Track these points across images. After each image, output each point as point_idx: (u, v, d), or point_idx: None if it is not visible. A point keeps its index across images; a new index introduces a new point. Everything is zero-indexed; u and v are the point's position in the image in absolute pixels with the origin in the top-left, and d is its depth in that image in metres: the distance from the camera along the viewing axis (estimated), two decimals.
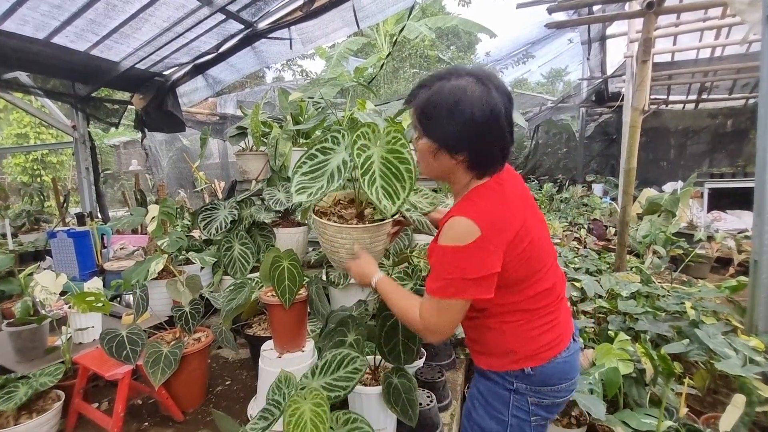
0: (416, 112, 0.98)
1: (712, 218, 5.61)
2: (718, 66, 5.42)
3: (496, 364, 1.07)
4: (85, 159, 4.17)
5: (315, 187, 1.17)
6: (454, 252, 0.92)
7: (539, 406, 1.05)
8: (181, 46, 3.63)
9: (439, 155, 0.98)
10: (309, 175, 1.20)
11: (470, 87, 0.91)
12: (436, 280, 0.96)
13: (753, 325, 2.24)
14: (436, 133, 0.96)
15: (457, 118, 0.91)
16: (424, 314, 1.00)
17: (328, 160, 1.22)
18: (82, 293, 1.76)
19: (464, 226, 0.92)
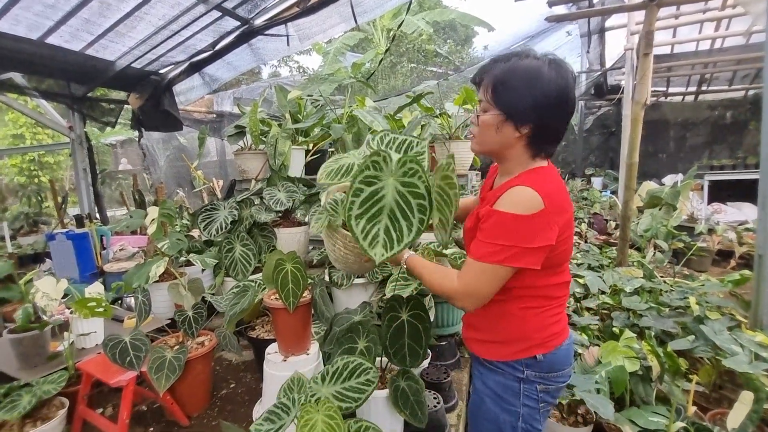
0: (491, 82, 1.00)
1: (713, 210, 5.62)
2: (718, 57, 5.39)
3: (507, 352, 1.10)
4: (82, 160, 4.12)
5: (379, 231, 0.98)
6: (516, 219, 0.95)
7: (546, 392, 1.11)
8: (177, 44, 3.59)
9: (504, 127, 1.01)
10: (364, 217, 1.00)
11: (545, 65, 0.97)
12: (488, 245, 0.97)
13: (758, 320, 2.24)
14: (508, 102, 0.98)
15: (532, 90, 0.96)
16: (465, 278, 1.01)
17: (378, 192, 1.01)
18: (83, 299, 1.74)
19: (530, 196, 0.95)
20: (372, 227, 0.99)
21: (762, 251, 2.21)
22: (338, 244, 1.22)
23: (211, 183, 4.87)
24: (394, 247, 0.97)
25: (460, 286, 1.01)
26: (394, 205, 0.99)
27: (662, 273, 3.72)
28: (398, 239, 0.97)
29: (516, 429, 1.10)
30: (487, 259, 0.97)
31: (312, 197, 2.84)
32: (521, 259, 0.96)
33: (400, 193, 1.00)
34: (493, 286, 1.00)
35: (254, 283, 2.10)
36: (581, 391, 1.66)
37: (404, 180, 1.00)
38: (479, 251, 0.99)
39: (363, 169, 1.02)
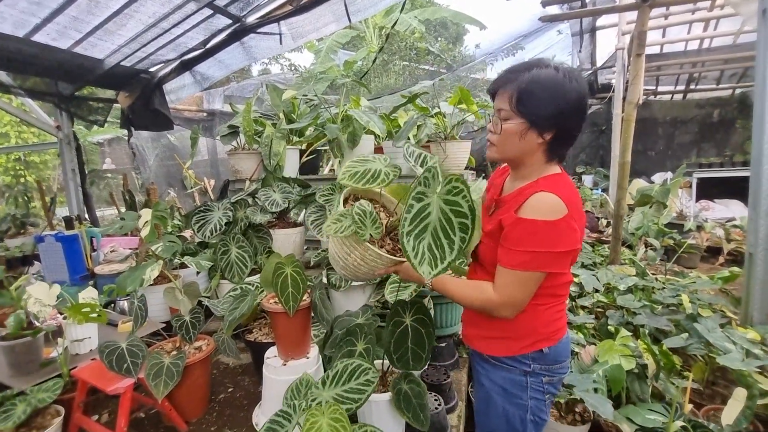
0: (515, 92, 1.01)
1: (701, 208, 5.72)
2: (706, 57, 5.47)
3: (515, 347, 1.13)
4: (71, 160, 4.04)
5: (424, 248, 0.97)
6: (546, 226, 0.97)
7: (551, 384, 1.15)
8: (167, 42, 3.52)
9: (527, 135, 1.03)
10: (413, 233, 1.00)
11: (564, 74, 1.00)
12: (521, 254, 1.00)
13: (748, 317, 2.29)
14: (534, 111, 1.00)
15: (556, 98, 0.99)
16: (502, 289, 1.03)
17: (426, 209, 1.01)
18: (77, 304, 1.71)
19: (554, 202, 0.98)
20: (419, 244, 0.99)
21: (753, 249, 2.26)
22: (354, 254, 1.18)
23: (203, 183, 4.81)
24: (438, 264, 0.97)
25: (499, 297, 1.04)
26: (437, 223, 0.99)
27: (653, 270, 3.78)
28: (441, 257, 0.97)
29: (525, 422, 1.14)
30: (523, 268, 1.00)
31: (307, 198, 2.82)
32: (553, 263, 1.00)
33: (443, 211, 1.00)
34: (530, 292, 1.04)
35: (252, 286, 2.08)
36: (580, 390, 1.68)
37: (448, 198, 1.00)
38: (513, 260, 1.01)
39: (417, 185, 1.03)
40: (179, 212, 4.70)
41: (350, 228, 1.13)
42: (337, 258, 1.25)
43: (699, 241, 4.66)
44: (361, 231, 1.13)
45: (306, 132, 3.49)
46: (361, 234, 1.12)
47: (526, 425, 1.14)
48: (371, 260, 1.17)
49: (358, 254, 1.17)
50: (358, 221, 1.14)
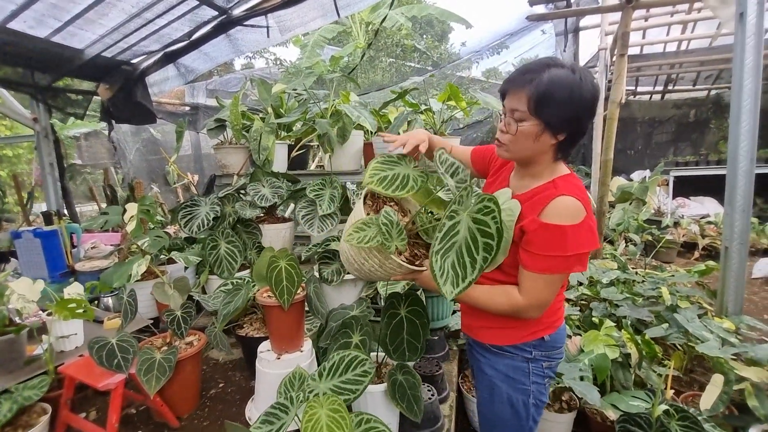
0: (533, 96, 1.00)
1: (677, 205, 5.92)
2: (683, 59, 5.66)
3: (518, 335, 1.16)
4: (48, 153, 3.90)
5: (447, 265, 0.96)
6: (572, 230, 1.00)
7: (550, 368, 1.20)
8: (150, 33, 3.43)
9: (542, 136, 1.03)
10: (441, 251, 0.99)
11: (578, 75, 1.00)
12: (549, 259, 1.01)
13: (723, 307, 2.40)
14: (552, 114, 1.00)
15: (573, 101, 0.99)
16: (531, 292, 1.05)
17: (456, 227, 1.00)
18: (63, 300, 1.66)
19: (576, 205, 1.01)
20: (444, 262, 0.97)
21: (728, 243, 2.36)
22: (372, 261, 1.14)
23: (187, 178, 4.72)
24: (459, 284, 0.95)
25: (527, 301, 1.06)
26: (463, 241, 0.98)
27: (633, 264, 3.91)
28: (462, 276, 0.95)
29: (528, 406, 1.18)
30: (550, 271, 1.03)
31: (297, 193, 2.81)
32: (578, 263, 1.03)
33: (470, 229, 0.99)
34: (556, 291, 1.08)
35: (244, 280, 2.07)
36: (568, 379, 1.73)
37: (477, 217, 0.98)
38: (539, 265, 1.03)
39: (451, 203, 1.02)
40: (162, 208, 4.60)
41: (376, 239, 1.08)
42: (351, 261, 1.20)
43: (676, 236, 4.83)
44: (387, 242, 1.08)
45: (294, 127, 3.46)
46: (387, 246, 1.08)
47: (528, 408, 1.18)
48: (390, 268, 1.14)
49: (376, 261, 1.13)
50: (384, 232, 1.09)
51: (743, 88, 2.24)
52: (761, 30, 2.22)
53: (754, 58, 2.21)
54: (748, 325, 2.22)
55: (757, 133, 2.26)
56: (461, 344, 2.33)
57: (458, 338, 2.34)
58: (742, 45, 2.22)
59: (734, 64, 2.26)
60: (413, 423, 1.51)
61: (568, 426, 1.98)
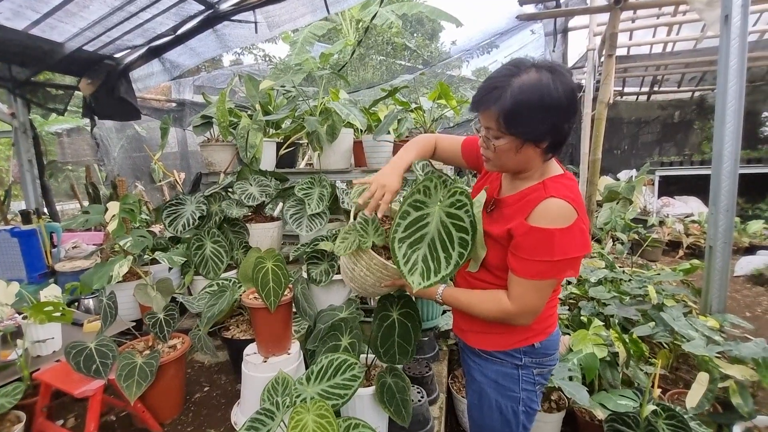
0: (501, 115, 0.94)
1: (662, 204, 6.02)
2: (669, 60, 5.74)
3: (508, 342, 1.14)
4: (27, 150, 3.77)
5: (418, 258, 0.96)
6: (561, 234, 0.96)
7: (541, 375, 1.17)
8: (134, 27, 3.34)
9: (524, 149, 0.99)
10: (406, 241, 0.98)
11: (544, 78, 0.92)
12: (537, 264, 0.98)
13: (707, 306, 2.43)
14: (525, 131, 0.96)
15: (546, 113, 0.93)
16: (520, 299, 1.02)
17: (424, 219, 0.99)
18: (39, 303, 1.60)
19: (564, 207, 0.97)
20: (413, 253, 0.97)
21: (712, 243, 2.39)
22: (360, 264, 1.15)
23: (172, 176, 4.62)
24: (431, 277, 0.95)
25: (517, 308, 1.03)
26: (435, 235, 0.97)
27: (620, 263, 3.95)
28: (435, 270, 0.95)
29: (517, 413, 1.15)
30: (540, 277, 1.00)
31: (285, 192, 2.76)
32: (567, 269, 1.00)
33: (444, 223, 0.97)
34: (546, 297, 1.05)
35: (230, 281, 2.02)
36: (557, 379, 1.73)
37: (450, 211, 0.97)
38: (529, 271, 1.00)
39: (414, 192, 0.99)
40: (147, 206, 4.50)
41: (355, 242, 1.11)
42: (346, 270, 1.23)
43: (661, 235, 4.91)
44: (363, 238, 1.11)
45: (283, 124, 3.41)
46: (363, 241, 1.10)
47: (518, 416, 1.15)
48: (377, 270, 1.13)
49: (363, 264, 1.14)
50: (359, 230, 1.13)
51: (728, 90, 2.26)
52: (745, 33, 2.25)
53: (738, 60, 2.24)
54: (732, 323, 2.26)
55: (741, 135, 2.30)
56: (451, 344, 2.32)
57: (448, 338, 2.33)
58: (727, 47, 2.25)
59: (719, 66, 2.29)
60: (402, 426, 1.49)
61: (557, 425, 1.98)
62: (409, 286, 1.02)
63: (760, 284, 4.09)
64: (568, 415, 2.00)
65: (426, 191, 1.01)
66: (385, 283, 1.16)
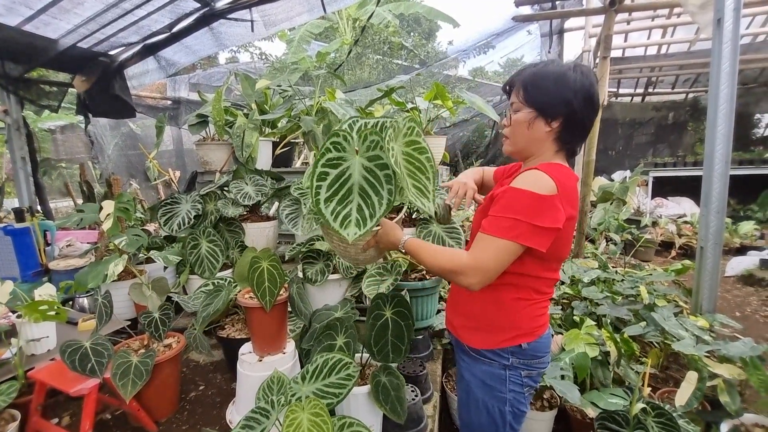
0: (521, 85, 1.07)
1: (656, 205, 6.08)
2: (663, 62, 5.79)
3: (495, 340, 1.14)
4: (20, 147, 3.74)
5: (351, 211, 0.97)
6: (532, 197, 0.98)
7: (529, 377, 1.17)
8: (129, 24, 3.32)
9: (535, 124, 1.07)
10: (333, 199, 0.98)
11: (570, 69, 1.05)
12: (502, 220, 1.00)
13: (698, 306, 2.47)
14: (539, 100, 1.05)
15: (560, 86, 1.03)
16: (475, 252, 1.02)
17: (345, 173, 0.99)
18: (33, 302, 1.60)
19: (546, 179, 1.00)
20: (343, 208, 0.98)
21: (703, 243, 2.43)
22: (335, 239, 1.16)
23: (167, 174, 4.61)
24: (367, 223, 0.96)
25: (470, 261, 1.01)
26: (363, 182, 0.98)
27: (613, 263, 3.99)
28: (371, 215, 0.97)
29: (504, 414, 1.16)
30: (500, 234, 0.99)
31: (281, 191, 2.76)
32: (531, 237, 0.98)
33: (368, 168, 0.99)
34: (501, 263, 1.01)
35: (224, 281, 2.03)
36: (549, 378, 1.76)
37: (369, 155, 0.98)
38: (492, 226, 1.01)
39: (324, 152, 0.99)
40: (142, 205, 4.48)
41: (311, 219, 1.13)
42: (333, 247, 1.25)
43: (654, 236, 4.95)
44: (316, 216, 1.15)
45: (279, 123, 3.41)
46: (318, 218, 1.11)
47: (505, 417, 1.16)
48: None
49: (336, 238, 1.15)
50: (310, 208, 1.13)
51: (719, 93, 2.30)
52: (737, 36, 2.28)
53: (730, 63, 2.27)
54: (721, 322, 2.29)
55: (732, 137, 2.33)
56: (445, 343, 2.34)
57: (443, 338, 2.35)
58: (719, 51, 2.28)
59: (711, 69, 2.32)
60: (396, 424, 1.50)
61: (549, 423, 2.01)
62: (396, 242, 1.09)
63: (750, 284, 4.15)
64: (560, 413, 2.03)
65: (337, 147, 1.00)
66: (362, 246, 1.16)
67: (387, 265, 1.95)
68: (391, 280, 1.93)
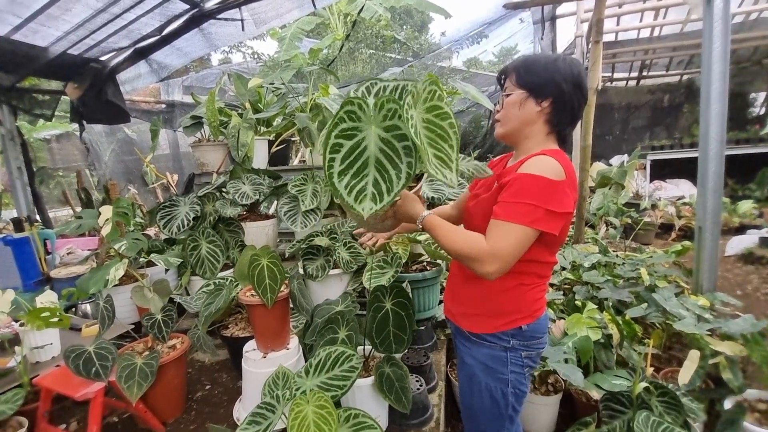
0: (513, 70, 1.14)
1: (654, 188, 6.07)
2: (657, 45, 5.77)
3: (496, 324, 1.16)
4: (15, 157, 3.73)
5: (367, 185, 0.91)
6: (545, 182, 0.99)
7: (529, 358, 1.19)
8: (119, 28, 3.30)
9: (526, 104, 1.11)
10: (348, 173, 0.91)
11: (557, 57, 1.12)
12: (518, 206, 0.99)
13: (698, 285, 2.47)
14: (529, 81, 1.10)
15: (550, 70, 1.09)
16: (494, 240, 0.99)
17: (360, 145, 0.91)
18: (36, 309, 1.60)
19: (555, 165, 1.02)
20: (358, 182, 0.91)
21: (701, 223, 2.43)
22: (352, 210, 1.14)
23: (165, 178, 4.60)
24: (384, 198, 0.90)
25: (490, 248, 0.98)
26: (379, 155, 0.91)
27: (614, 247, 4.00)
28: (388, 190, 0.90)
29: (506, 395, 1.18)
30: (518, 220, 0.98)
31: (279, 189, 2.77)
32: (547, 222, 0.99)
33: (384, 139, 0.91)
34: (520, 250, 1.00)
35: (226, 280, 2.03)
36: (553, 362, 1.77)
37: (386, 124, 0.90)
38: (508, 212, 0.99)
39: (337, 122, 0.91)
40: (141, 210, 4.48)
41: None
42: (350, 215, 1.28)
43: (653, 218, 4.96)
44: None
45: (274, 122, 3.40)
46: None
47: (507, 398, 1.18)
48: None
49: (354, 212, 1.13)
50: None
51: (712, 73, 2.29)
52: (728, 15, 2.27)
53: (722, 42, 2.26)
54: (722, 301, 2.30)
55: (727, 116, 2.32)
56: (449, 333, 2.35)
57: (446, 328, 2.36)
58: (710, 30, 2.26)
59: (703, 49, 2.31)
60: (402, 414, 1.51)
61: (554, 407, 2.02)
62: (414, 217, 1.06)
63: (750, 263, 4.16)
64: (565, 397, 2.04)
65: (352, 116, 0.92)
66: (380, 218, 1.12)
67: (387, 257, 1.95)
68: (392, 272, 1.94)
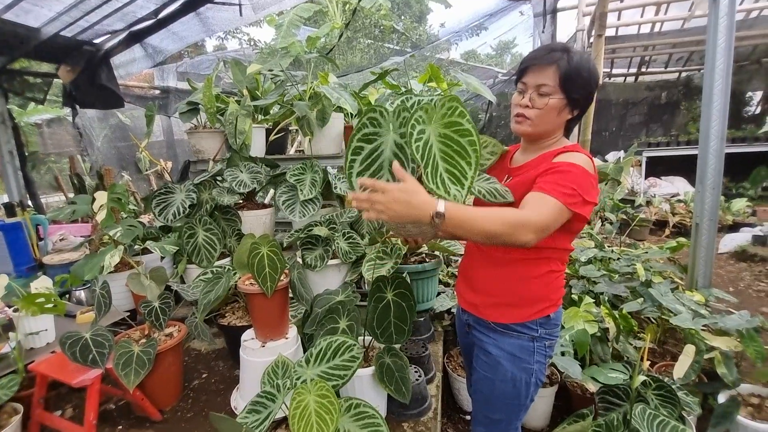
0: (562, 73, 1.08)
1: (649, 184, 6.12)
2: (657, 41, 5.76)
3: (526, 314, 1.17)
4: (7, 141, 3.65)
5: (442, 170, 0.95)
6: (584, 173, 1.05)
7: (551, 347, 1.22)
8: (113, 10, 3.22)
9: (563, 112, 1.12)
10: (365, 173, 1.00)
11: (586, 55, 1.13)
12: (561, 186, 1.02)
13: (693, 281, 2.50)
14: (577, 91, 1.09)
15: (592, 81, 1.11)
16: (533, 208, 0.99)
17: (378, 149, 1.00)
18: (30, 295, 1.57)
19: (586, 159, 1.09)
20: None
21: (699, 220, 2.45)
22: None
23: (160, 164, 4.54)
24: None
25: (534, 216, 0.97)
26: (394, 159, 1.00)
27: (609, 243, 4.03)
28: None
29: (529, 384, 1.19)
30: (562, 198, 1.00)
31: (276, 178, 2.73)
32: (582, 207, 1.04)
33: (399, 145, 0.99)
34: (556, 224, 1.02)
35: (224, 269, 2.01)
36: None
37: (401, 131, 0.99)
38: (554, 190, 1.01)
39: (360, 127, 1.00)
40: (135, 197, 4.42)
41: None
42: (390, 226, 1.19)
43: (648, 215, 5.00)
44: None
45: (272, 110, 3.35)
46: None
47: (529, 387, 1.19)
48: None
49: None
50: None
51: (715, 69, 2.28)
52: (734, 11, 2.26)
53: (726, 38, 2.25)
54: (717, 297, 2.33)
55: (728, 113, 2.33)
56: (446, 325, 2.36)
57: (443, 320, 2.37)
58: (715, 26, 2.25)
59: (707, 44, 2.30)
60: (401, 404, 1.52)
61: (549, 399, 2.05)
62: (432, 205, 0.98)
63: (743, 260, 4.21)
64: (561, 389, 2.07)
65: (374, 122, 1.01)
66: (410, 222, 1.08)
67: (386, 248, 1.94)
68: (391, 263, 1.93)
